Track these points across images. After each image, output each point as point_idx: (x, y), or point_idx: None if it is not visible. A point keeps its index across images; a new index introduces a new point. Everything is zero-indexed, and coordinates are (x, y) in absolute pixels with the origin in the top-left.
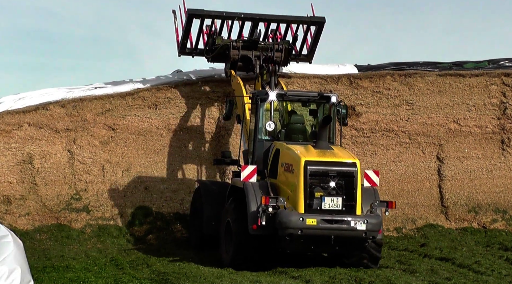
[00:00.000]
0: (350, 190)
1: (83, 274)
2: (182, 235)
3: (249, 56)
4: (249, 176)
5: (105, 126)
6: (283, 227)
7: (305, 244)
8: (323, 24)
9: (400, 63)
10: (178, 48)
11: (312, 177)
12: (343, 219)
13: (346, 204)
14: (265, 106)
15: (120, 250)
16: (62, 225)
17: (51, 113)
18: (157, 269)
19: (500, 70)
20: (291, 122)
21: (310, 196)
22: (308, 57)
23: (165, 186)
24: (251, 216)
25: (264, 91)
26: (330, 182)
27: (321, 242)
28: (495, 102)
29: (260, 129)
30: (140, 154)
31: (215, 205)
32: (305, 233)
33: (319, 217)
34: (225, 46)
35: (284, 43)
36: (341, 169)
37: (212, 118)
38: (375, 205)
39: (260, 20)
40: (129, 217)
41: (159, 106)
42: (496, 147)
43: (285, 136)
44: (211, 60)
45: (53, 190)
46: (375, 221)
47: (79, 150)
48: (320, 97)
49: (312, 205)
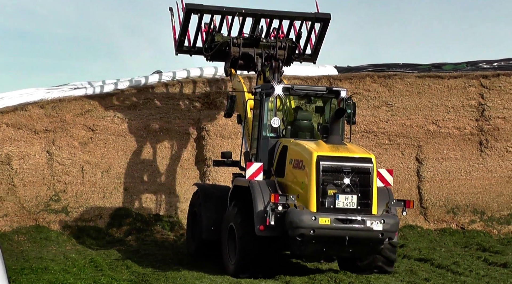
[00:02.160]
0: (365, 187)
1: (62, 276)
2: (161, 236)
3: (250, 54)
4: (255, 173)
5: (84, 127)
6: (293, 226)
7: (317, 245)
8: (328, 21)
9: (379, 64)
10: (175, 46)
11: (325, 173)
12: (358, 218)
13: (361, 202)
14: (270, 102)
15: (99, 252)
16: (40, 226)
17: (30, 114)
18: (137, 270)
19: (478, 72)
20: (297, 119)
21: (323, 193)
22: (312, 56)
23: (144, 187)
24: (258, 216)
25: (269, 85)
26: (344, 179)
27: (334, 243)
28: (473, 104)
29: (265, 126)
30: (119, 155)
31: (215, 210)
32: (318, 234)
33: (333, 216)
34: (225, 43)
35: (287, 41)
36: (356, 164)
37: (192, 119)
38: (391, 204)
39: (262, 16)
40: (109, 218)
41: (139, 107)
42: (474, 148)
43: (291, 133)
44: (210, 58)
45: (32, 191)
46: (393, 221)
47: (58, 151)
48: (328, 92)
49: (325, 203)
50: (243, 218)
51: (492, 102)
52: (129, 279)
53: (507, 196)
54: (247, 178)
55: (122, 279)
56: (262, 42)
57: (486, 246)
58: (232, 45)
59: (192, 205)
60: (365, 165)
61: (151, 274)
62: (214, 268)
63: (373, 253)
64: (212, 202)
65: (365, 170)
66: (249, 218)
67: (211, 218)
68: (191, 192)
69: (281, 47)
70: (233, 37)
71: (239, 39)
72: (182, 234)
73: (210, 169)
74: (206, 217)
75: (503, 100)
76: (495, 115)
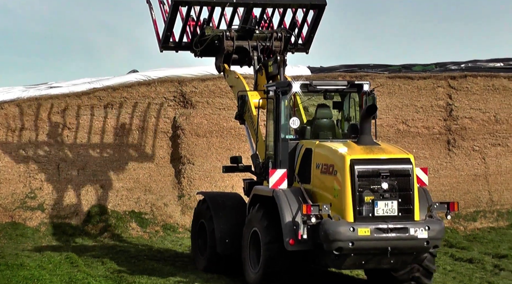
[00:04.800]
0: (405, 191)
1: (38, 272)
2: (137, 232)
3: (245, 47)
4: (278, 181)
5: (60, 126)
6: (330, 240)
7: (355, 258)
8: (323, 7)
9: (351, 65)
10: (159, 43)
11: (360, 178)
12: (401, 226)
13: (401, 208)
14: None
15: (75, 248)
16: (16, 223)
17: (6, 112)
18: (112, 266)
19: (446, 73)
20: (317, 118)
21: (360, 201)
22: (305, 46)
23: (120, 185)
24: (286, 228)
25: (285, 83)
26: (381, 183)
27: (375, 255)
28: (441, 104)
29: (283, 127)
30: (95, 153)
31: (229, 221)
32: (357, 246)
33: (373, 226)
34: (216, 37)
35: (282, 31)
36: (394, 166)
37: (167, 118)
38: (434, 207)
39: (254, 5)
40: (84, 215)
41: (115, 106)
42: (442, 147)
43: (311, 134)
44: (199, 54)
45: (8, 189)
46: (438, 228)
47: (34, 149)
48: (350, 86)
49: (362, 212)
50: (268, 225)
51: (459, 103)
52: (105, 275)
53: (473, 193)
54: (270, 187)
55: (97, 275)
56: (256, 33)
57: (453, 242)
58: (225, 39)
59: (198, 215)
60: (404, 166)
61: (126, 270)
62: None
63: (415, 263)
64: (224, 213)
65: (404, 172)
66: (274, 227)
67: (225, 230)
68: (166, 189)
69: (277, 38)
70: (225, 30)
71: (232, 32)
72: (157, 230)
73: (185, 167)
74: (219, 229)
75: (470, 100)
76: (462, 115)
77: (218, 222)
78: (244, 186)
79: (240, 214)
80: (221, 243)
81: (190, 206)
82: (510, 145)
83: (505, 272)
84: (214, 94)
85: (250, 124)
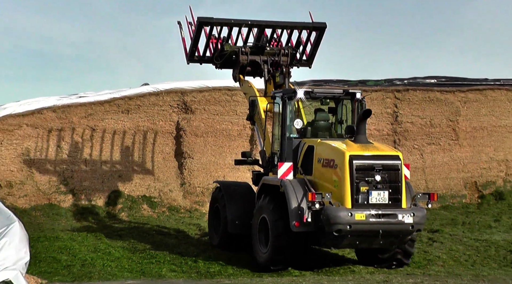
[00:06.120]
0: (395, 183)
1: (69, 243)
2: (147, 213)
3: (257, 61)
4: (286, 173)
5: (87, 127)
6: (331, 222)
7: (351, 239)
8: (324, 29)
9: (318, 80)
10: (186, 57)
11: (358, 171)
12: (391, 212)
13: (391, 198)
14: (292, 105)
15: (99, 225)
16: (53, 205)
17: (44, 117)
18: (128, 239)
19: (393, 87)
20: (317, 120)
21: (356, 190)
22: (309, 62)
23: (134, 174)
24: (292, 213)
25: (291, 89)
26: (375, 176)
27: (368, 236)
28: (389, 111)
29: (289, 127)
30: (115, 149)
31: (239, 205)
32: (354, 229)
33: (367, 212)
34: (234, 52)
35: (289, 48)
36: (386, 162)
37: (172, 121)
38: (417, 197)
39: (266, 26)
40: (106, 198)
41: (131, 112)
42: (390, 146)
43: (311, 133)
44: (219, 66)
45: (46, 177)
46: (421, 214)
47: (67, 146)
48: (345, 94)
49: (359, 200)
50: (275, 211)
51: (403, 110)
52: (122, 246)
53: (413, 182)
54: (279, 177)
55: (116, 246)
56: (266, 50)
57: None
58: (240, 54)
59: (214, 200)
60: (394, 162)
61: (139, 243)
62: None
63: (400, 244)
64: (235, 198)
65: (394, 166)
66: (281, 213)
67: (236, 213)
68: (172, 178)
69: (284, 54)
70: (241, 46)
71: (246, 48)
72: (164, 211)
73: (186, 160)
74: (231, 212)
75: (412, 109)
76: (405, 120)
77: (230, 207)
78: (253, 177)
79: (248, 200)
80: (232, 224)
81: (190, 192)
82: (442, 144)
83: (437, 243)
84: (209, 103)
85: (259, 125)
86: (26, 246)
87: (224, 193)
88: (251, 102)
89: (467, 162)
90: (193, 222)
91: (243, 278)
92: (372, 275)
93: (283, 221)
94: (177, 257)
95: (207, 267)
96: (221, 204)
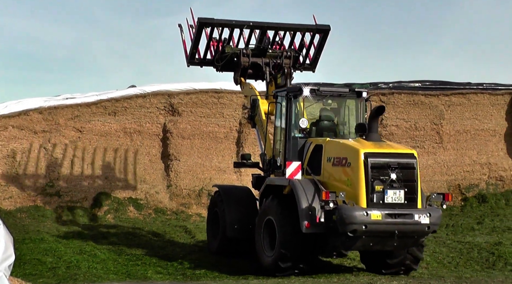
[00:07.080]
0: (411, 182)
1: (55, 245)
2: (134, 214)
3: (259, 63)
4: (294, 172)
5: (74, 129)
6: (346, 222)
7: (366, 240)
8: (328, 31)
9: (306, 83)
10: (186, 59)
11: (373, 169)
12: (407, 212)
13: (407, 197)
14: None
15: (85, 226)
16: (38, 206)
17: (31, 118)
18: (114, 241)
19: (378, 90)
20: (321, 119)
21: (372, 189)
22: (312, 66)
23: (121, 176)
24: (303, 213)
25: (297, 87)
26: (390, 174)
27: (384, 237)
28: None
29: (293, 127)
30: (101, 151)
31: (238, 209)
32: (370, 229)
33: (383, 211)
34: (235, 54)
35: (291, 51)
36: (401, 160)
37: (159, 123)
38: (432, 197)
39: (268, 28)
40: (92, 200)
41: (117, 114)
42: None
43: (316, 133)
44: (220, 69)
45: (31, 179)
46: (437, 214)
47: (53, 147)
48: (351, 92)
49: (374, 199)
50: (283, 213)
51: (388, 114)
52: (108, 248)
53: None
54: (287, 177)
55: (102, 248)
56: (269, 52)
57: None
58: (242, 56)
59: (213, 205)
60: (409, 160)
61: (125, 244)
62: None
63: (413, 245)
64: (234, 202)
65: (410, 165)
66: (288, 213)
67: (235, 217)
68: (158, 180)
69: (287, 56)
70: (243, 48)
71: (248, 50)
72: (150, 213)
73: (173, 162)
74: (230, 216)
75: (396, 112)
76: (391, 123)
77: (229, 211)
78: (252, 180)
79: (247, 204)
80: (230, 228)
81: (176, 194)
82: (426, 147)
83: None
84: (196, 105)
85: (259, 127)
86: (10, 248)
87: (223, 197)
88: (252, 101)
89: (450, 165)
90: (179, 224)
91: (229, 280)
92: (357, 277)
93: (291, 223)
94: (163, 259)
95: (193, 269)
96: (221, 208)
